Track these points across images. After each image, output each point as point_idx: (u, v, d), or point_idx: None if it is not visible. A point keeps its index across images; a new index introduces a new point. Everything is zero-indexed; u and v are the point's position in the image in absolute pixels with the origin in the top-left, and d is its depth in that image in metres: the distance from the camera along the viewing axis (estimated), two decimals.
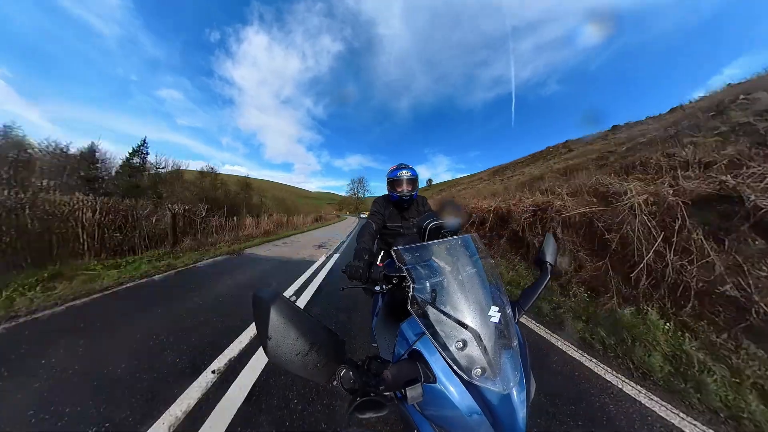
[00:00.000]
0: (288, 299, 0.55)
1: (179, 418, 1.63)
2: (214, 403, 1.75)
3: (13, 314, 2.96)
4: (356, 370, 0.58)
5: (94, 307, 3.39)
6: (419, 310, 0.74)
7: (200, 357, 2.25)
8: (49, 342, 2.44)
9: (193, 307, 3.35)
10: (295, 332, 0.51)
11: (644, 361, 2.36)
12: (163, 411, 1.66)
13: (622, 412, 1.82)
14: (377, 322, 1.42)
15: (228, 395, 1.82)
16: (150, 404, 1.71)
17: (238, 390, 1.87)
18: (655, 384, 2.16)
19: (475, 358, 0.65)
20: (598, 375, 2.23)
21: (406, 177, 2.03)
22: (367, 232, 1.84)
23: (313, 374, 0.53)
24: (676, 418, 1.79)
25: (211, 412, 1.67)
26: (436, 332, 0.69)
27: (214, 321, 2.96)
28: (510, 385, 0.64)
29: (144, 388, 1.86)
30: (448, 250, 0.86)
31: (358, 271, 1.24)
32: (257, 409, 1.72)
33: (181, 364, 2.16)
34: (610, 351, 2.58)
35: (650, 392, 2.05)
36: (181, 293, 3.93)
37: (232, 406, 1.73)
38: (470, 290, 0.76)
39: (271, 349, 0.50)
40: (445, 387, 0.65)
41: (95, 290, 3.85)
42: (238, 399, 1.79)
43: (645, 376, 2.25)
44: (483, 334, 0.68)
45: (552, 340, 2.84)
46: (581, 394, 1.98)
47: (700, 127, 6.90)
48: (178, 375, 2.02)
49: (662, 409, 1.88)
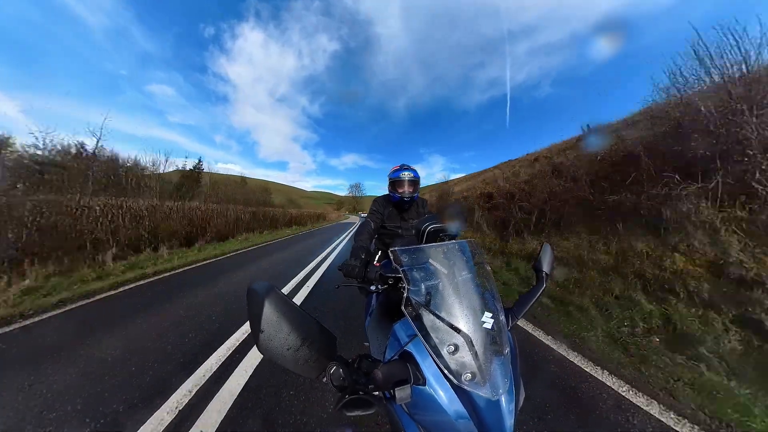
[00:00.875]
0: (282, 293, 0.55)
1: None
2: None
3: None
4: (347, 367, 0.58)
5: (227, 259, 6.91)
6: (413, 312, 0.74)
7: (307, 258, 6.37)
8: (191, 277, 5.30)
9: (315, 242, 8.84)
10: (287, 326, 0.52)
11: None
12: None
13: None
14: (370, 321, 1.42)
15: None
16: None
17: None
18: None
19: (465, 363, 0.65)
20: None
21: (407, 178, 2.03)
22: (365, 230, 1.84)
23: (303, 369, 0.54)
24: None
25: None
26: (429, 335, 0.69)
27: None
28: (499, 392, 0.64)
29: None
30: (446, 253, 0.86)
31: (354, 269, 1.24)
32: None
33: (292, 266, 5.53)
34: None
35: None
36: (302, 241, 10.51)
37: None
38: (465, 295, 0.77)
39: (263, 342, 0.50)
40: (435, 390, 0.65)
41: (225, 252, 7.99)
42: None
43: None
44: (475, 339, 0.69)
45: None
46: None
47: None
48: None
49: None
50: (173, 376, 2.06)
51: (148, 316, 3.25)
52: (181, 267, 6.01)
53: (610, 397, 1.90)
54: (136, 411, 1.71)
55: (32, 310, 3.35)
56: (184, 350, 2.45)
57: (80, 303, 3.68)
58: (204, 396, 1.85)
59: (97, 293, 4.05)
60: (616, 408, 1.81)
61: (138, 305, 3.62)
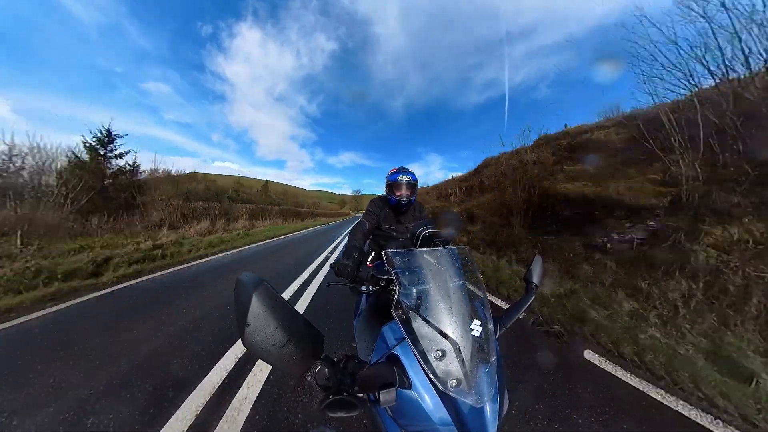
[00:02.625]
0: (271, 287, 0.54)
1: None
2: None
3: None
4: (332, 367, 0.58)
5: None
6: (402, 315, 0.74)
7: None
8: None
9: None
10: (274, 322, 0.51)
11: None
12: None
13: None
14: (359, 322, 1.42)
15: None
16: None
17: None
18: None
19: (452, 369, 0.65)
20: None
21: (405, 181, 2.03)
22: (360, 230, 1.84)
23: (288, 367, 0.53)
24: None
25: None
26: (417, 339, 0.69)
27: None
28: (484, 399, 0.64)
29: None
30: (438, 259, 0.86)
31: (346, 269, 1.23)
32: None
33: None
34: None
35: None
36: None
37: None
38: (455, 302, 0.77)
39: (248, 336, 0.49)
40: (420, 394, 0.65)
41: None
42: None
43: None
44: (462, 346, 0.69)
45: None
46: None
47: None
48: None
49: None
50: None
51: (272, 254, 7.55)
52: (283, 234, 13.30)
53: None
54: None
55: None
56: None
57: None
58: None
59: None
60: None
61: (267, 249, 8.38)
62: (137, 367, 2.05)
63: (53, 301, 3.32)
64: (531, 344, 2.51)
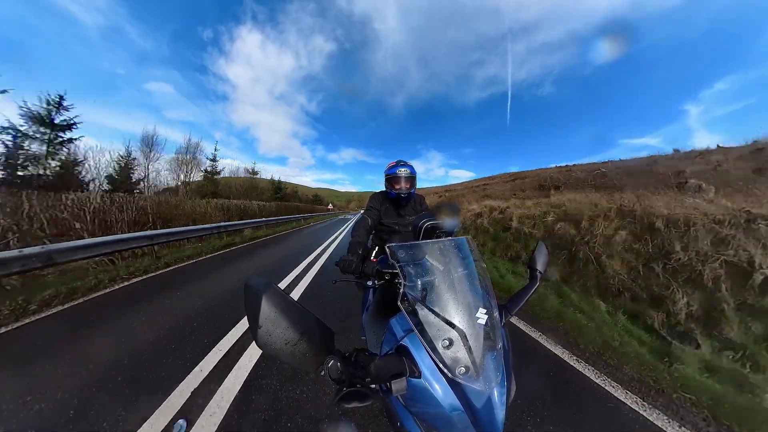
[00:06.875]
0: (279, 289, 0.56)
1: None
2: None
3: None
4: (344, 361, 0.59)
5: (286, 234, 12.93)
6: (409, 307, 0.75)
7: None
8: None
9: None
10: (285, 321, 0.52)
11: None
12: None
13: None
14: (367, 316, 1.44)
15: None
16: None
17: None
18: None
19: (459, 357, 0.67)
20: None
21: (404, 175, 2.03)
22: (362, 226, 1.84)
23: (301, 363, 0.55)
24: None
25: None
26: (424, 330, 0.71)
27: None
28: (491, 385, 0.66)
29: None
30: (442, 250, 0.87)
31: (351, 265, 1.25)
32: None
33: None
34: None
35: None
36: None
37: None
38: (460, 291, 0.78)
39: (261, 337, 0.51)
40: (429, 383, 0.67)
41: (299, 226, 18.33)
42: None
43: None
44: (469, 334, 0.70)
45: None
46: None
47: None
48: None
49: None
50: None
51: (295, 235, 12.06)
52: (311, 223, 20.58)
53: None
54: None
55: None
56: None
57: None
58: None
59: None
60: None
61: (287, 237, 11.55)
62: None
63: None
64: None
